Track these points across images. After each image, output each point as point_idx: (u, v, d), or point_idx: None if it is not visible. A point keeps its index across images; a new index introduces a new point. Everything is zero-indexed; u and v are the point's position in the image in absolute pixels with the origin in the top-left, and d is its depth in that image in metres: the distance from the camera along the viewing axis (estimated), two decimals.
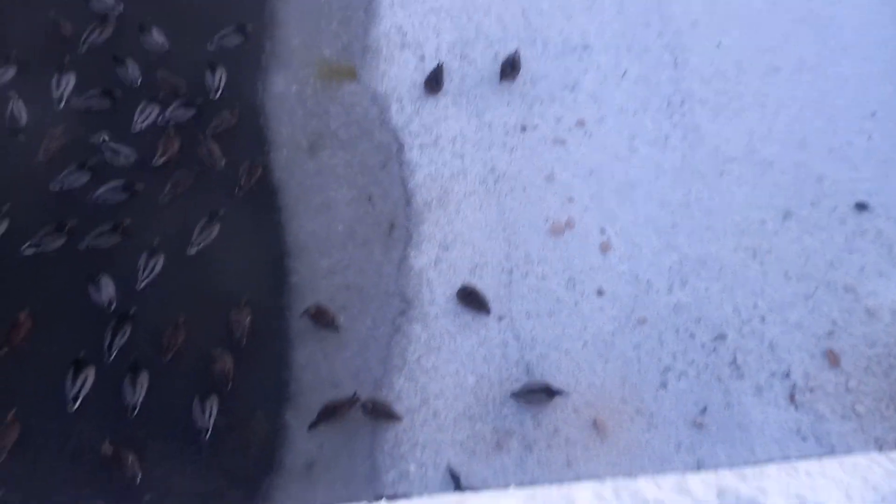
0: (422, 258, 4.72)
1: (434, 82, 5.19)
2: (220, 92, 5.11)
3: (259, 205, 4.90)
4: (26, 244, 4.53)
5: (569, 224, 4.82)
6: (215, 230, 4.70)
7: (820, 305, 4.45)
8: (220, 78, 5.15)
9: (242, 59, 5.35)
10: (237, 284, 4.59)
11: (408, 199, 4.91)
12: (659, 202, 4.86)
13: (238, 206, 4.84)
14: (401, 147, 5.08)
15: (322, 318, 4.38)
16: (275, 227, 4.83)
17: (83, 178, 4.80)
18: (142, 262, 4.53)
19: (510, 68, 5.16)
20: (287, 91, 5.18)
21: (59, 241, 4.57)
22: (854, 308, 4.42)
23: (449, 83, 5.26)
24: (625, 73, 5.29)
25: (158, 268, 4.55)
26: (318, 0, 5.55)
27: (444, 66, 5.21)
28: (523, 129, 5.13)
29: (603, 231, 4.78)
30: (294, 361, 4.38)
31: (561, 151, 5.05)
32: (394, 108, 5.20)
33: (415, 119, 5.19)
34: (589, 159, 5.01)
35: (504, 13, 5.45)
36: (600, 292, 4.57)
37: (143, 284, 4.49)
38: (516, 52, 5.17)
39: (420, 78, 5.28)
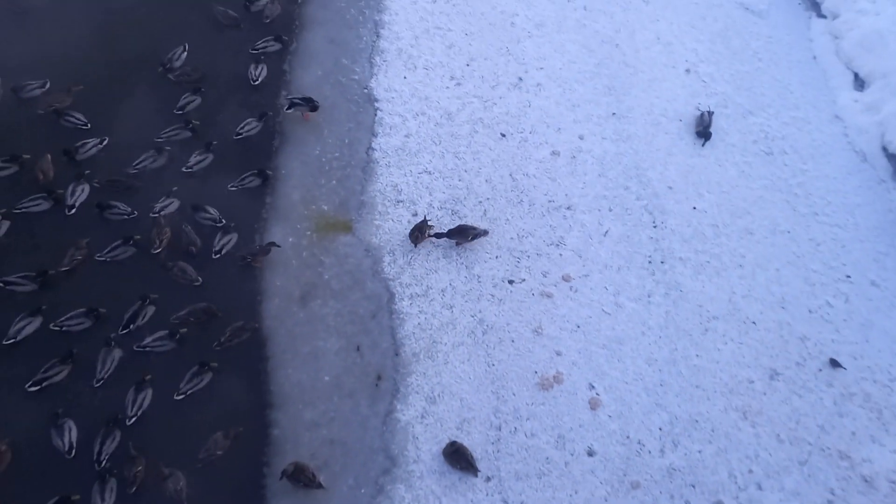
0: (408, 411, 4.63)
1: (419, 234, 5.35)
2: (223, 222, 5.37)
3: (248, 354, 4.88)
4: (30, 382, 4.55)
5: (557, 378, 4.80)
6: (206, 379, 4.68)
7: (816, 472, 4.32)
8: (217, 215, 5.42)
9: (243, 211, 5.58)
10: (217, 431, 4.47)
11: (396, 350, 4.92)
12: (646, 359, 4.88)
13: (226, 353, 4.82)
14: (391, 297, 5.18)
15: (301, 477, 4.19)
16: (261, 377, 4.79)
17: (129, 252, 5.16)
18: (130, 396, 4.53)
19: (464, 234, 5.30)
20: (283, 243, 5.36)
21: (63, 373, 4.61)
22: (850, 476, 4.30)
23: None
24: (607, 232, 5.55)
25: (146, 403, 4.55)
26: (319, 159, 5.93)
27: (427, 220, 5.40)
28: (511, 282, 5.28)
29: (592, 387, 4.75)
30: None
31: (548, 305, 5.15)
32: (386, 259, 5.37)
33: (406, 270, 5.34)
34: (575, 314, 5.10)
35: (493, 175, 5.82)
36: (591, 452, 4.45)
37: (132, 420, 4.46)
38: (474, 228, 5.33)
39: None
